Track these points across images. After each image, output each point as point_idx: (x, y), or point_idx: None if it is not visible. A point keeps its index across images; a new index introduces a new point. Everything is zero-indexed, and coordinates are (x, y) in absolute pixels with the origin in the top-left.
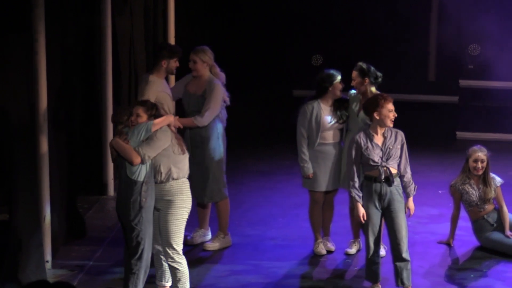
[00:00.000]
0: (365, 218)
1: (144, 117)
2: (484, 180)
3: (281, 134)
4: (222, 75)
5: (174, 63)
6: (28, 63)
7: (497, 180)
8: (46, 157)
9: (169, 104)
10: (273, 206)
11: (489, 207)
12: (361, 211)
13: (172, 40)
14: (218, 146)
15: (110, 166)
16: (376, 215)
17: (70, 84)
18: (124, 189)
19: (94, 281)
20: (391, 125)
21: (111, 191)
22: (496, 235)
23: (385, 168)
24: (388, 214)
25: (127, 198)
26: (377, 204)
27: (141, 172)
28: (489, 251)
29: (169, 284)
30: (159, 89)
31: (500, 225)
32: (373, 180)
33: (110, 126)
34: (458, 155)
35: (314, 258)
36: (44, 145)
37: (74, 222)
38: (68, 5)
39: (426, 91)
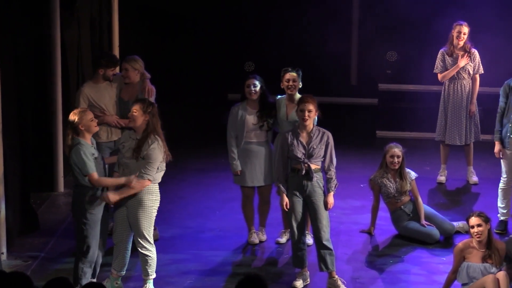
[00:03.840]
0: (288, 207)
1: (139, 113)
2: (400, 174)
3: (218, 135)
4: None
5: (110, 71)
6: None
7: (412, 174)
8: (1, 157)
9: (107, 105)
10: (211, 200)
11: (405, 198)
12: (285, 200)
13: (116, 49)
14: None
15: (60, 164)
16: (299, 204)
17: (22, 90)
18: (75, 192)
19: (46, 270)
20: (305, 123)
21: (61, 187)
22: (413, 224)
23: (306, 164)
24: (310, 205)
25: (77, 200)
26: (298, 194)
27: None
28: (406, 238)
29: (123, 273)
30: (93, 93)
31: (415, 215)
32: (296, 172)
33: (60, 129)
34: (378, 152)
35: (248, 247)
36: None
37: (28, 216)
38: (20, 17)
39: (348, 94)
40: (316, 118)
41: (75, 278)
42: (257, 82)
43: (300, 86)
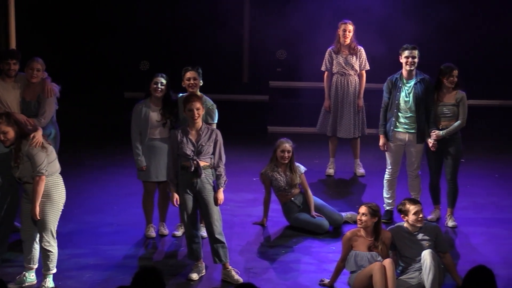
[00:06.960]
0: (179, 203)
1: (10, 130)
2: (290, 168)
3: (114, 132)
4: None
5: (6, 65)
6: None
7: (301, 168)
8: None
9: (11, 103)
10: (108, 195)
11: (295, 191)
12: (175, 196)
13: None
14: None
15: None
16: (189, 200)
17: None
18: None
19: None
20: (194, 122)
21: None
22: (303, 216)
23: (195, 161)
24: (200, 201)
25: None
26: (189, 191)
27: None
28: (297, 229)
29: (36, 265)
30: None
31: (305, 207)
32: (186, 169)
33: None
34: (269, 147)
35: (146, 241)
36: None
37: None
38: None
39: (240, 91)
40: (217, 114)
41: None
42: (163, 81)
43: (201, 84)
